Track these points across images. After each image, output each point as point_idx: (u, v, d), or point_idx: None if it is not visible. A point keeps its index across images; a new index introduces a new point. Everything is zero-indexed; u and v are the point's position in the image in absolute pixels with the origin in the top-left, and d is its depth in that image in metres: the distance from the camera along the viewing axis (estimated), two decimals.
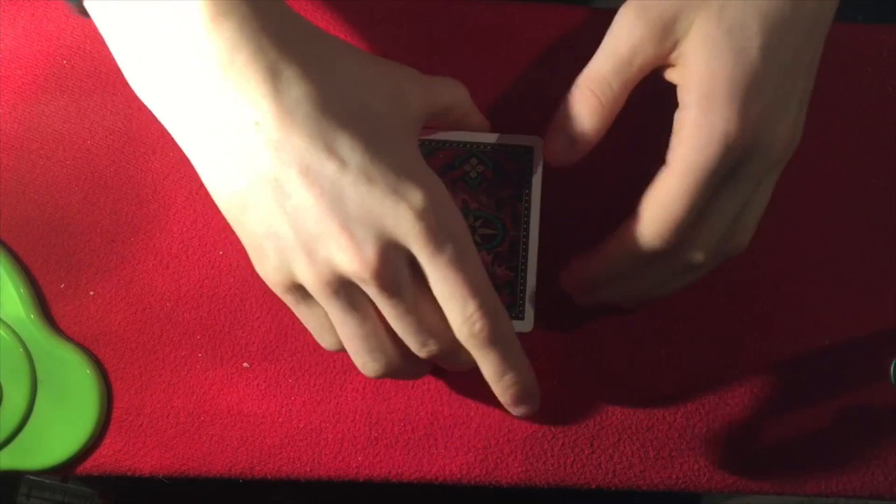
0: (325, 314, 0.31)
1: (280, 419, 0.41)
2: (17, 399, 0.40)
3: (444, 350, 0.31)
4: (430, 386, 0.41)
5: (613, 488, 0.41)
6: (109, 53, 0.42)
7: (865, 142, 0.43)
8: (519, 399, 0.33)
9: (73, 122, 0.42)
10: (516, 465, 0.41)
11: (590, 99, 0.33)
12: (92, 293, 0.41)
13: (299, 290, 0.30)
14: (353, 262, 0.28)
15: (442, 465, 0.41)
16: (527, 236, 0.38)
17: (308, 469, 0.41)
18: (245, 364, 0.41)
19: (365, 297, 0.30)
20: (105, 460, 0.41)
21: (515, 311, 0.38)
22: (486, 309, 0.29)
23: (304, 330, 0.41)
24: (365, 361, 0.31)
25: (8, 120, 0.41)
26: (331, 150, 0.27)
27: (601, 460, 0.41)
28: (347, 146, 0.27)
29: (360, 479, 0.41)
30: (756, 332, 0.42)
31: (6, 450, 0.40)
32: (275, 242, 0.29)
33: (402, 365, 0.32)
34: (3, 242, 0.41)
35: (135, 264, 0.41)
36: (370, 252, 0.28)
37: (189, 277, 0.41)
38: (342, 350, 0.33)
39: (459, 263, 0.29)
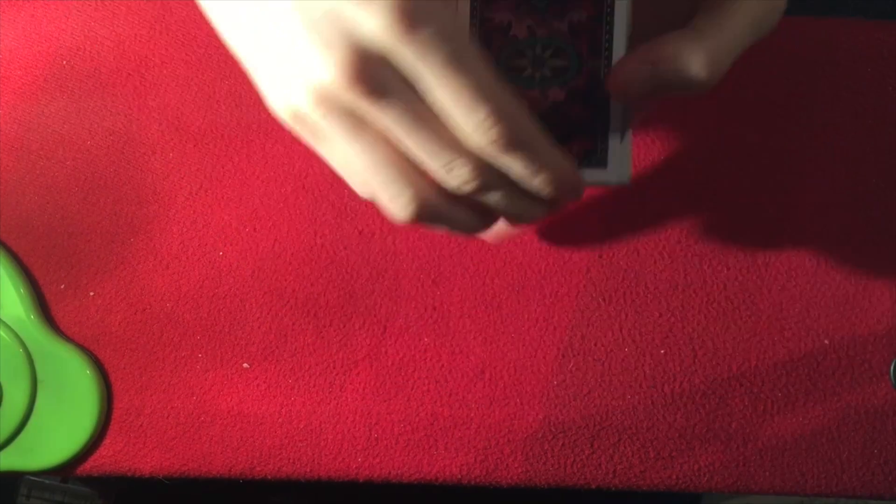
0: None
1: (280, 420, 0.41)
2: (17, 399, 0.40)
3: (480, 175, 0.26)
4: (430, 387, 0.41)
5: (614, 489, 0.41)
6: (109, 54, 0.42)
7: (865, 142, 0.42)
8: (562, 196, 0.29)
9: (72, 123, 0.42)
10: (516, 465, 0.41)
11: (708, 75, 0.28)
12: (92, 294, 0.41)
13: (307, 120, 0.27)
14: (326, 70, 0.24)
15: (442, 465, 0.41)
16: (609, 67, 0.31)
17: (308, 470, 0.41)
18: (245, 364, 0.41)
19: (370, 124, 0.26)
20: (105, 461, 0.41)
21: (596, 157, 0.31)
22: (500, 112, 0.25)
23: (304, 330, 0.41)
24: (391, 196, 0.27)
25: (8, 120, 0.41)
26: None
27: (601, 461, 0.41)
28: None
29: (360, 480, 0.41)
30: (756, 332, 0.42)
31: (6, 450, 0.40)
32: (268, 64, 0.26)
33: (440, 202, 0.27)
34: (3, 242, 0.41)
35: (135, 265, 0.41)
36: (341, 56, 0.24)
37: (189, 278, 0.41)
38: (374, 193, 0.28)
39: (457, 63, 0.24)
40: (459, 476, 0.41)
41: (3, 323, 0.40)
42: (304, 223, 0.41)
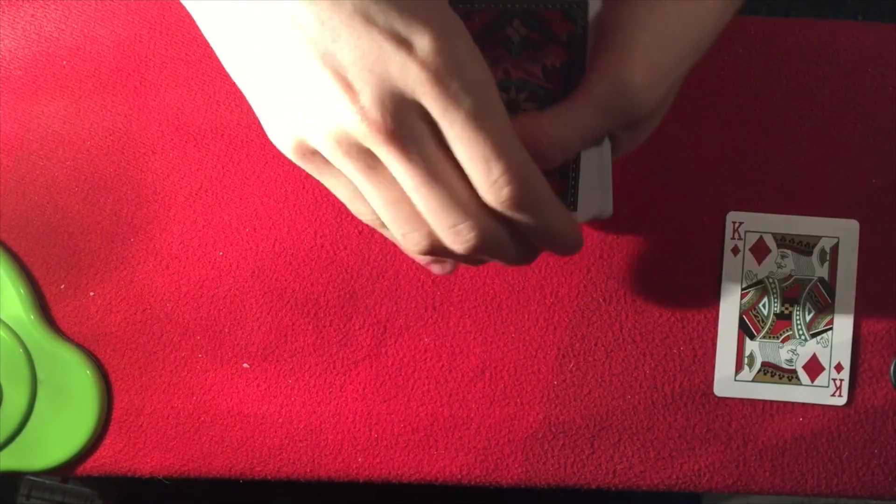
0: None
1: (280, 420, 0.41)
2: (17, 400, 0.40)
3: (482, 238, 0.27)
4: (431, 387, 0.41)
5: (614, 488, 0.41)
6: (109, 54, 0.42)
7: (865, 142, 0.42)
8: (566, 252, 0.30)
9: (72, 123, 0.42)
10: (516, 465, 0.41)
11: (553, 154, 0.29)
12: (92, 294, 0.41)
13: (316, 156, 0.27)
14: (350, 112, 0.24)
15: (442, 465, 0.41)
16: None
17: (308, 470, 0.41)
18: (245, 365, 0.41)
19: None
20: (105, 461, 0.41)
21: (567, 199, 0.32)
22: (513, 171, 0.25)
23: (304, 330, 0.41)
24: (404, 232, 0.27)
25: (8, 120, 0.41)
26: None
27: (601, 461, 0.41)
28: None
29: (361, 480, 0.41)
30: None
31: (6, 450, 0.40)
32: (277, 97, 0.26)
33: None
34: (3, 243, 0.41)
35: (135, 265, 0.41)
36: (368, 101, 0.24)
37: (189, 278, 0.41)
38: (380, 224, 0.29)
39: (480, 119, 0.25)
40: (459, 476, 0.41)
41: (3, 323, 0.40)
42: (304, 223, 0.41)
